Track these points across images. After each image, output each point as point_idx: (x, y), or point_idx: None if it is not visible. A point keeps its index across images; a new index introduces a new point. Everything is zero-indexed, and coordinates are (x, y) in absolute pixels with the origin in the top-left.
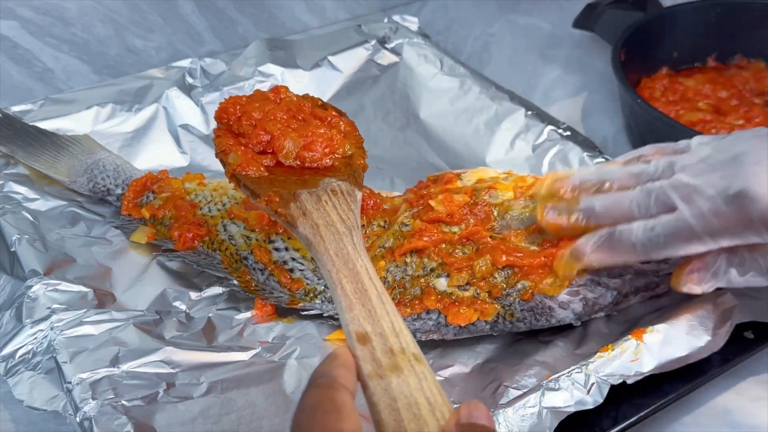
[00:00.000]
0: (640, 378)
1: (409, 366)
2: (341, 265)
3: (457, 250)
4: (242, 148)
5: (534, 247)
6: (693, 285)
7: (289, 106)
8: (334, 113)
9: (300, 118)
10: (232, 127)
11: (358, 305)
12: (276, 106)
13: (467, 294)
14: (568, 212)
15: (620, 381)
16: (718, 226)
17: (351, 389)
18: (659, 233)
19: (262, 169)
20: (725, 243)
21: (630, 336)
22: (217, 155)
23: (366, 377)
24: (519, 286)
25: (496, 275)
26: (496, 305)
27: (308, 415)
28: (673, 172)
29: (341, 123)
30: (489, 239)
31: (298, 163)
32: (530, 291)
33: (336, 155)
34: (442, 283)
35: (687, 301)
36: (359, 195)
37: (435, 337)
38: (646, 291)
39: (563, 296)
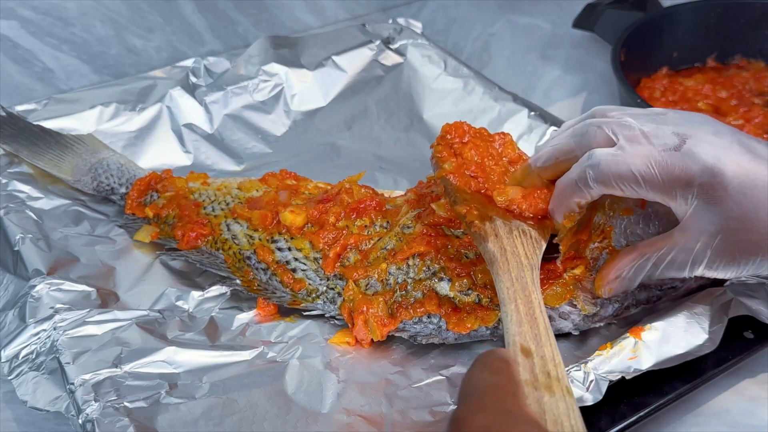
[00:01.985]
0: (638, 374)
1: (561, 393)
2: (519, 288)
3: (460, 255)
4: (458, 161)
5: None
6: (615, 290)
7: (508, 163)
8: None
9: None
10: (453, 146)
11: (527, 325)
12: (497, 158)
13: (469, 299)
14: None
15: (619, 378)
16: (657, 175)
17: (516, 381)
18: (596, 162)
19: (467, 186)
20: (653, 197)
21: (628, 334)
22: (432, 158)
23: (522, 382)
24: None
25: None
26: (497, 312)
27: (491, 376)
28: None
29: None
30: None
31: (503, 204)
32: None
33: (531, 217)
34: (444, 287)
35: (684, 300)
36: (544, 245)
37: (435, 341)
38: (648, 304)
39: (564, 307)
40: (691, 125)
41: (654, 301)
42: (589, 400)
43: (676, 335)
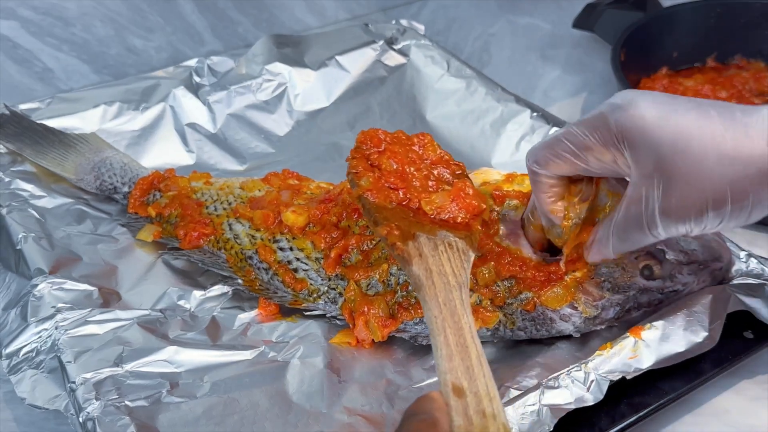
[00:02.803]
0: (639, 374)
1: None
2: (447, 315)
3: None
4: (374, 175)
5: (536, 256)
6: (594, 257)
7: (430, 165)
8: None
9: (436, 175)
10: (370, 157)
11: (458, 358)
12: (419, 162)
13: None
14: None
15: (619, 377)
16: (583, 135)
17: None
18: (539, 145)
19: (389, 201)
20: (592, 162)
21: (628, 333)
22: (348, 174)
23: (456, 429)
24: (522, 296)
25: (499, 284)
26: (497, 313)
27: None
28: None
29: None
30: (493, 246)
31: (434, 213)
32: (533, 302)
33: (465, 218)
34: None
35: (684, 299)
36: (473, 256)
37: None
38: (649, 307)
39: (566, 309)
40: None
41: (656, 304)
42: (590, 400)
43: (676, 333)
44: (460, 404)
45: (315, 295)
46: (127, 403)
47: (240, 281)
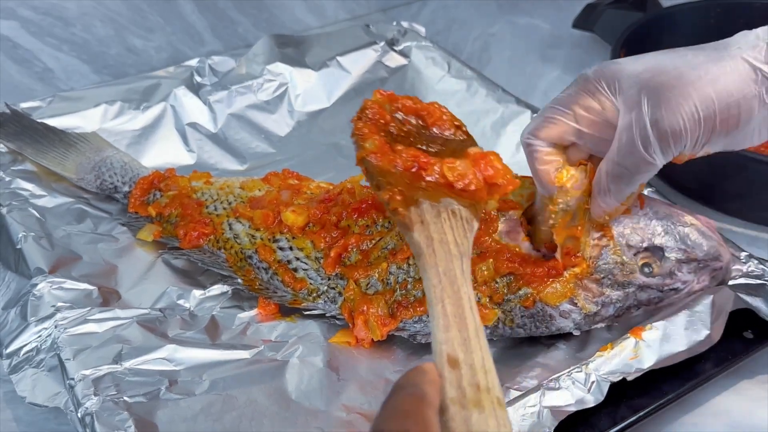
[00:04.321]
0: (640, 374)
1: (491, 408)
2: (447, 284)
3: None
4: (381, 139)
5: (535, 253)
6: (596, 210)
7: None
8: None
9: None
10: (378, 122)
11: (455, 329)
12: (430, 134)
13: None
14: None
15: (620, 378)
16: (567, 96)
17: (436, 408)
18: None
19: (392, 165)
20: (580, 114)
21: (629, 334)
22: (352, 136)
23: (448, 400)
24: (521, 292)
25: (498, 280)
26: (496, 311)
27: (398, 424)
28: None
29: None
30: (492, 243)
31: (438, 178)
32: (532, 298)
33: (477, 186)
34: None
35: (685, 299)
36: (476, 226)
37: None
38: (649, 305)
39: (565, 305)
40: None
41: (655, 302)
42: (591, 401)
43: (677, 333)
44: (454, 376)
45: (314, 295)
46: (125, 398)
47: (240, 281)
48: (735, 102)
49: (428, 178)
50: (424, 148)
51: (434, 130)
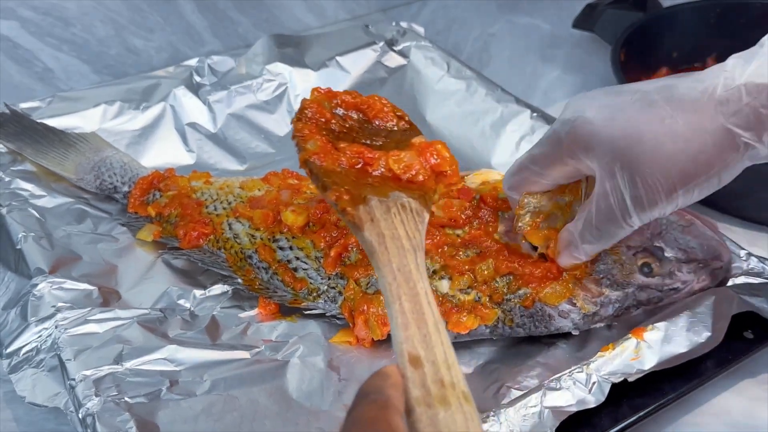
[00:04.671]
0: (641, 375)
1: (457, 403)
2: (402, 281)
3: (459, 253)
4: (322, 138)
5: (536, 253)
6: (565, 262)
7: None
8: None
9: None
10: (318, 121)
11: (414, 326)
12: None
13: (468, 297)
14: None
15: (621, 379)
16: (542, 156)
17: (401, 412)
18: (507, 173)
19: (336, 164)
20: (556, 175)
21: (630, 335)
22: (293, 137)
23: (413, 401)
24: (520, 292)
25: (498, 280)
26: (496, 310)
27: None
28: None
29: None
30: (492, 243)
31: (385, 171)
32: (531, 298)
33: (425, 176)
34: (444, 286)
35: (687, 300)
36: (427, 217)
37: None
38: (648, 305)
39: (564, 305)
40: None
41: (655, 302)
42: (591, 402)
43: (679, 335)
44: (417, 375)
45: (315, 294)
46: (126, 399)
47: (240, 280)
48: (716, 172)
49: (374, 173)
50: (368, 142)
51: (376, 123)
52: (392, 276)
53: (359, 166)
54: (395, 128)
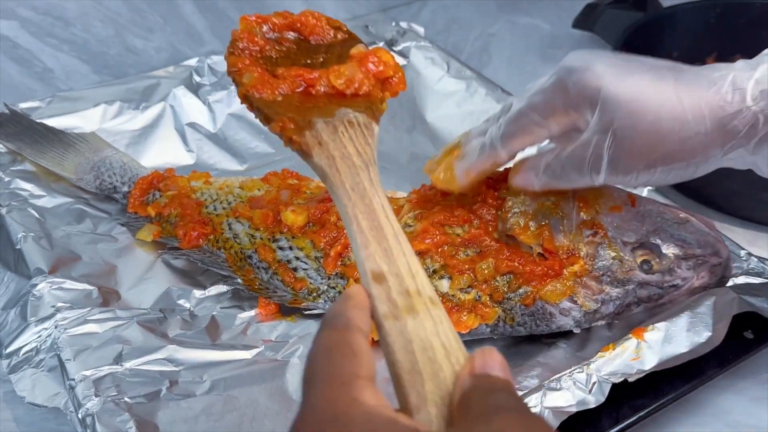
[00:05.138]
0: (641, 376)
1: (425, 309)
2: (357, 200)
3: (459, 252)
4: (258, 69)
5: (537, 250)
6: (518, 180)
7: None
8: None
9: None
10: (252, 51)
11: (374, 243)
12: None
13: (469, 296)
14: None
15: (622, 379)
16: (543, 103)
17: (366, 331)
18: (504, 122)
19: (276, 93)
20: (554, 127)
21: (630, 335)
22: (229, 73)
23: (381, 317)
24: (521, 290)
25: (498, 279)
26: (497, 309)
27: (324, 359)
28: None
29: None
30: (492, 242)
31: (328, 89)
32: (532, 296)
33: (369, 87)
34: (444, 285)
35: (687, 300)
36: (377, 129)
37: None
38: (649, 302)
39: (565, 303)
40: None
41: (655, 299)
42: (592, 402)
43: (679, 335)
44: (381, 290)
45: (314, 294)
46: (126, 399)
47: (239, 281)
48: (695, 162)
49: (318, 93)
50: (309, 62)
51: (313, 40)
52: (346, 197)
53: (301, 89)
54: (334, 41)
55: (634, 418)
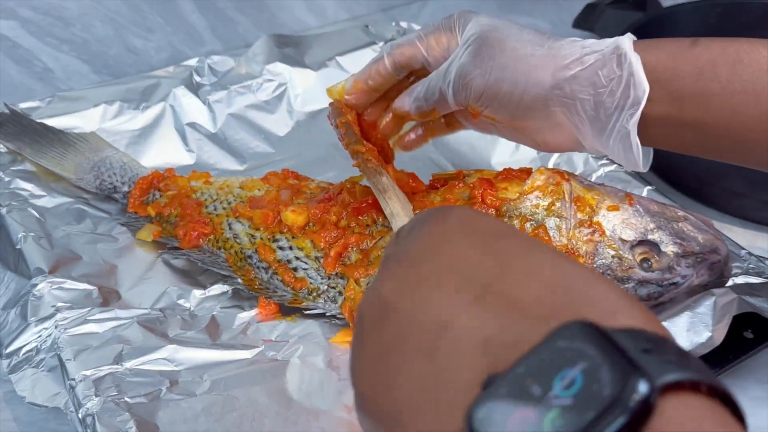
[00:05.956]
0: None
1: None
2: (403, 200)
3: None
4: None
5: None
6: (396, 103)
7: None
8: None
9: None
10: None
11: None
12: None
13: None
14: None
15: None
16: (429, 25)
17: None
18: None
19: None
20: (432, 42)
21: None
22: (332, 106)
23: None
24: None
25: None
26: None
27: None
28: None
29: None
30: None
31: None
32: None
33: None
34: None
35: (687, 300)
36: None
37: None
38: (649, 300)
39: None
40: None
41: (655, 297)
42: None
43: (679, 335)
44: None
45: (315, 294)
46: (126, 399)
47: (240, 280)
48: (531, 99)
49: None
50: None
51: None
52: (399, 203)
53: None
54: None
55: None
